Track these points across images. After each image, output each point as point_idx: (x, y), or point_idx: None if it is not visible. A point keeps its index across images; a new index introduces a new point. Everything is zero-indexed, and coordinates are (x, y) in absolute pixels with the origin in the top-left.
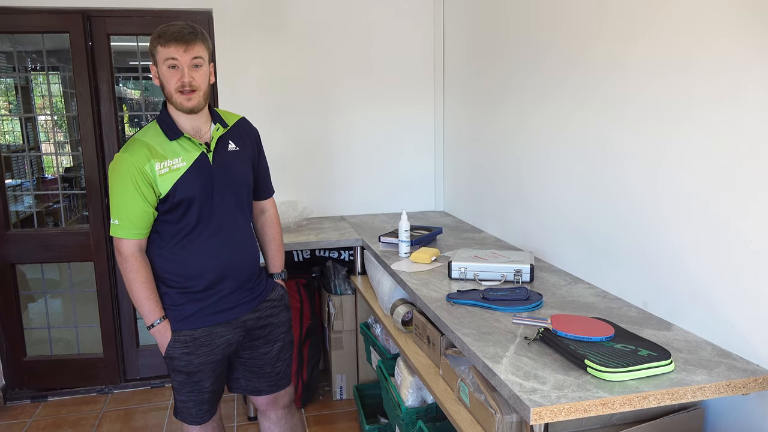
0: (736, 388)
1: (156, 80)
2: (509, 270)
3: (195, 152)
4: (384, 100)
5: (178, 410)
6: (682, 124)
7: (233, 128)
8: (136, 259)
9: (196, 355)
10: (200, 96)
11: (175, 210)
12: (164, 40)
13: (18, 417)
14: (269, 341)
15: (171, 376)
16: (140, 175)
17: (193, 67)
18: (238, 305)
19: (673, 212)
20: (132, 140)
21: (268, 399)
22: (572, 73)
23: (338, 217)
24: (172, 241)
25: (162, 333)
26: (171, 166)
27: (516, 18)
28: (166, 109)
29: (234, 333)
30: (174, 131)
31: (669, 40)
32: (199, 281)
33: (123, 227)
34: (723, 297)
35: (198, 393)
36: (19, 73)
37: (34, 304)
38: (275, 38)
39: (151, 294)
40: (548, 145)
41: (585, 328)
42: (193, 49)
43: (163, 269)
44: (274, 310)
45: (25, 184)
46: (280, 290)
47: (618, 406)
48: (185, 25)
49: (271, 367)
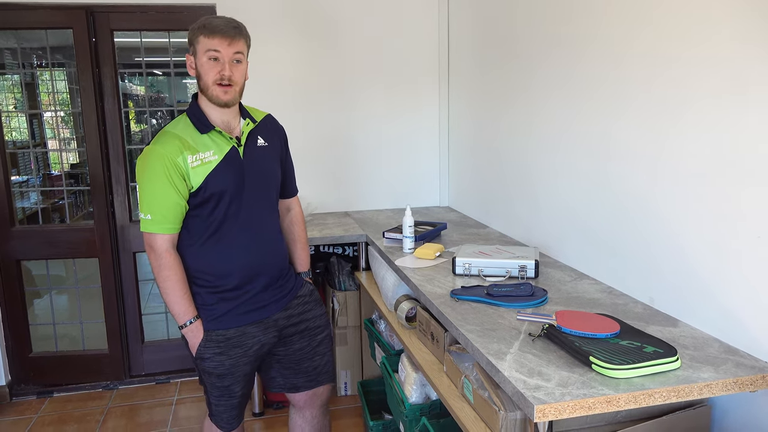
0: (744, 385)
1: (191, 70)
2: (514, 266)
3: (226, 146)
4: (389, 95)
5: (213, 413)
6: (688, 120)
7: (261, 124)
8: (171, 256)
9: (227, 356)
10: (236, 91)
11: (205, 204)
12: (209, 32)
13: (24, 413)
14: (305, 336)
15: (202, 379)
16: (173, 167)
17: (234, 62)
18: (269, 304)
19: (680, 207)
20: (162, 132)
21: (306, 396)
22: (579, 69)
23: (342, 212)
24: (202, 238)
25: (194, 333)
26: (203, 159)
27: (522, 14)
28: (196, 102)
29: (266, 334)
30: (205, 124)
31: (674, 33)
32: (229, 279)
33: (156, 222)
34: (730, 293)
35: (228, 398)
36: (24, 69)
37: (40, 300)
38: (278, 35)
39: (185, 293)
40: (554, 140)
41: (590, 325)
42: (236, 44)
43: (193, 268)
44: (307, 306)
45: (31, 180)
46: (309, 286)
47: (623, 404)
48: (230, 19)
49: (309, 361)
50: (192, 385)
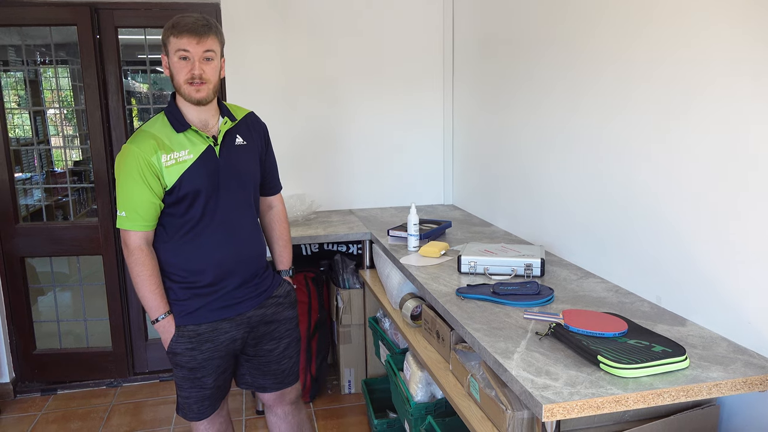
0: (753, 384)
1: (166, 71)
2: (520, 264)
3: (202, 145)
4: (393, 93)
5: (180, 406)
6: (696, 118)
7: (241, 122)
8: (143, 252)
9: (199, 350)
10: (209, 88)
11: (180, 203)
12: (177, 31)
13: (28, 410)
14: (274, 338)
15: (173, 372)
16: (147, 167)
17: (205, 60)
18: (243, 301)
19: (688, 205)
20: (139, 131)
21: (274, 395)
22: (584, 69)
23: (347, 210)
24: (177, 235)
25: (166, 328)
26: (177, 158)
27: (528, 11)
28: (174, 101)
29: (238, 329)
30: (181, 123)
31: (677, 26)
32: (203, 276)
33: (130, 219)
34: (739, 292)
35: (199, 389)
36: (28, 66)
37: (44, 297)
38: (283, 31)
39: (156, 288)
40: (560, 138)
41: (597, 324)
42: (205, 42)
43: (168, 263)
44: (280, 308)
45: (35, 177)
46: (286, 286)
47: (632, 403)
48: (200, 17)
49: (277, 365)
50: None
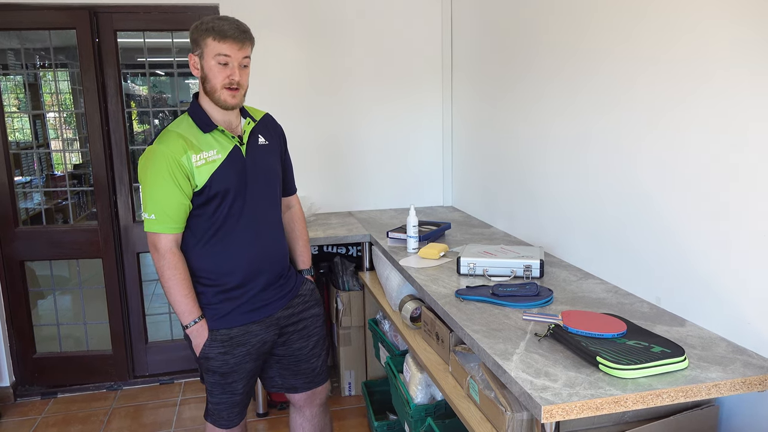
0: (752, 385)
1: (196, 71)
2: (519, 265)
3: (229, 145)
4: (392, 95)
5: (209, 412)
6: (695, 118)
7: (260, 123)
8: (174, 255)
9: (232, 354)
10: (242, 94)
11: (209, 203)
12: (219, 36)
13: (28, 413)
14: (303, 336)
15: (204, 378)
16: (177, 167)
17: (242, 66)
18: (271, 303)
19: (687, 205)
20: (166, 131)
21: (305, 396)
22: (582, 68)
23: (346, 212)
24: (205, 236)
25: (199, 332)
26: (207, 158)
27: (527, 12)
28: (197, 102)
29: (268, 332)
30: (208, 124)
31: (676, 24)
32: (233, 277)
33: (160, 221)
34: (738, 292)
35: (230, 395)
36: (27, 70)
37: (44, 300)
38: (282, 35)
39: (189, 292)
40: (558, 138)
41: (597, 325)
42: (245, 48)
43: (198, 268)
44: (306, 305)
45: (35, 180)
46: (309, 285)
47: (631, 404)
48: (238, 22)
49: (307, 363)
50: (196, 386)
